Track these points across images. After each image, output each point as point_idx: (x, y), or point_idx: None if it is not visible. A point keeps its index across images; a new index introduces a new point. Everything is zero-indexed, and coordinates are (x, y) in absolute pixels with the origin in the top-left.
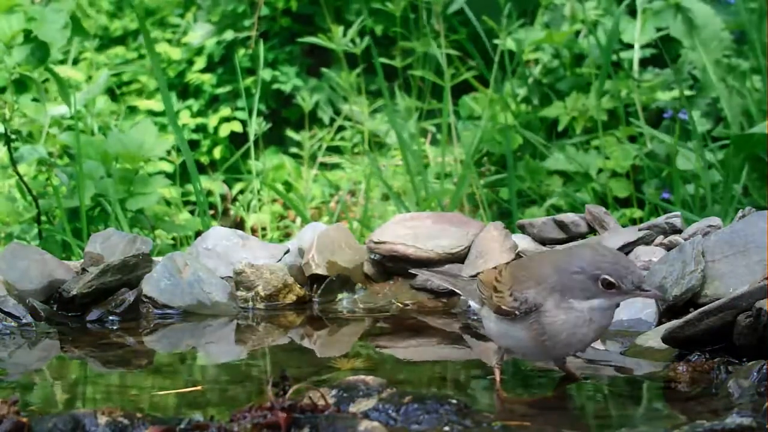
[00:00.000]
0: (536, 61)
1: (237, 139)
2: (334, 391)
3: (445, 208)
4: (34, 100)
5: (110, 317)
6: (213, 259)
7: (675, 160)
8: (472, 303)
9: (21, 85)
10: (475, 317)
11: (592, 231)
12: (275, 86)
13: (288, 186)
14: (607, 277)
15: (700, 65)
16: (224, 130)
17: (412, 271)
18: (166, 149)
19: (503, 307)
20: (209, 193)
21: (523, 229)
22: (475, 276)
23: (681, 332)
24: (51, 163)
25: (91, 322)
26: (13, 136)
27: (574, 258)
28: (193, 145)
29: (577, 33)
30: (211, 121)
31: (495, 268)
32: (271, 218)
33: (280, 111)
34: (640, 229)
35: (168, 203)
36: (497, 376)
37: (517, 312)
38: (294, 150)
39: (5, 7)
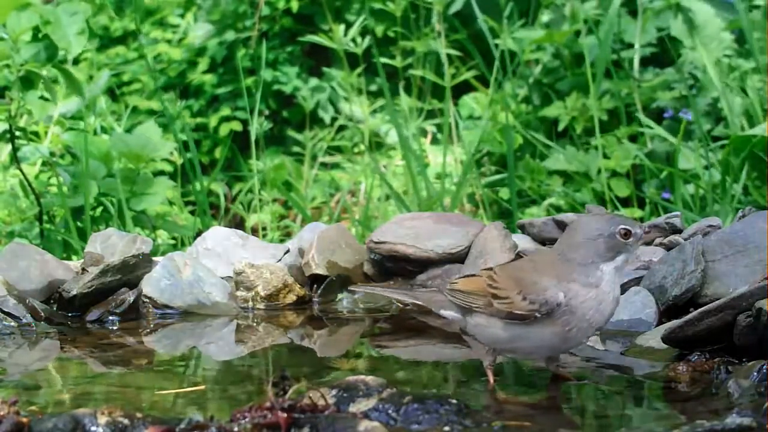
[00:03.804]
0: (536, 61)
1: (237, 139)
2: (334, 391)
3: (446, 209)
4: (42, 98)
5: (110, 317)
6: (213, 259)
7: (677, 160)
8: (446, 313)
9: (27, 82)
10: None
11: None
12: (276, 86)
13: (288, 186)
14: (623, 227)
15: (700, 65)
16: (224, 130)
17: (354, 288)
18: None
19: (516, 311)
20: (210, 192)
21: (523, 229)
22: (434, 288)
23: (681, 332)
24: (53, 162)
25: (91, 322)
26: (18, 134)
27: (586, 228)
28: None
29: (578, 33)
30: (212, 120)
31: (474, 275)
32: (271, 218)
33: (281, 111)
34: None
35: (170, 203)
36: (491, 377)
37: (537, 314)
38: (295, 149)
39: (16, 5)
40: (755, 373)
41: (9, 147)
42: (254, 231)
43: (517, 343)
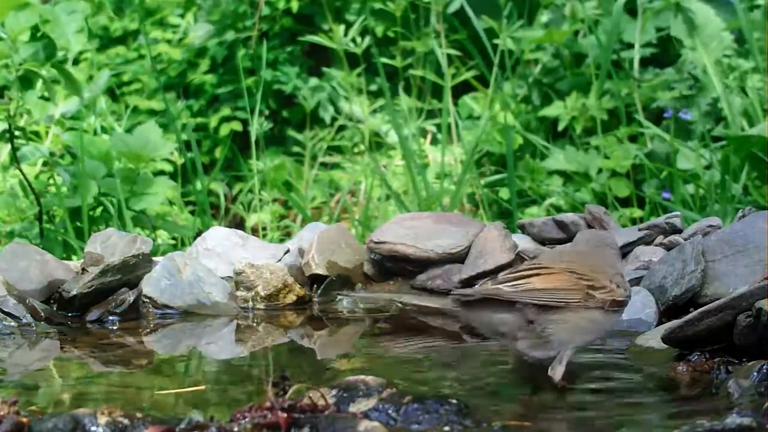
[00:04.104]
0: (536, 61)
1: (237, 139)
2: (334, 391)
3: (446, 208)
4: (41, 97)
5: (110, 317)
6: (213, 259)
7: (675, 160)
8: (503, 317)
9: (26, 81)
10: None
11: None
12: (276, 86)
13: (288, 186)
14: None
15: (700, 65)
16: (224, 130)
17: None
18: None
19: (618, 298)
20: (210, 192)
21: (523, 229)
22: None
23: (681, 332)
24: (53, 162)
25: (91, 322)
26: (17, 134)
27: (610, 237)
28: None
29: (577, 33)
30: (212, 121)
31: (532, 275)
32: (271, 218)
33: (281, 111)
34: (640, 229)
35: (170, 203)
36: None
37: (628, 299)
38: (295, 149)
39: (15, 5)
40: (755, 373)
41: (8, 147)
42: (254, 231)
43: (596, 333)
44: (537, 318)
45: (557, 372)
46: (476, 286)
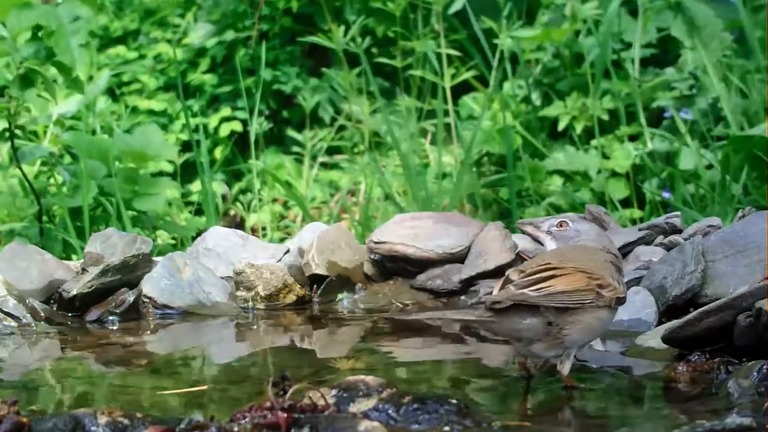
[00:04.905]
0: (536, 61)
1: (238, 139)
2: (334, 391)
3: (445, 209)
4: (41, 96)
5: (110, 317)
6: (213, 259)
7: (679, 160)
8: (529, 322)
9: (26, 80)
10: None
11: None
12: (276, 86)
13: (288, 186)
14: None
15: (700, 65)
16: (224, 130)
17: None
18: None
19: (620, 296)
20: None
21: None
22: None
23: (681, 332)
24: (54, 161)
25: (91, 322)
26: (18, 133)
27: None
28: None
29: (577, 33)
30: (212, 121)
31: (557, 269)
32: (271, 218)
33: (281, 111)
34: (640, 229)
35: (170, 203)
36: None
37: (626, 296)
38: (295, 149)
39: (16, 3)
40: (755, 373)
41: (8, 146)
42: (254, 231)
43: (602, 332)
44: (556, 320)
45: (566, 367)
46: (497, 291)
